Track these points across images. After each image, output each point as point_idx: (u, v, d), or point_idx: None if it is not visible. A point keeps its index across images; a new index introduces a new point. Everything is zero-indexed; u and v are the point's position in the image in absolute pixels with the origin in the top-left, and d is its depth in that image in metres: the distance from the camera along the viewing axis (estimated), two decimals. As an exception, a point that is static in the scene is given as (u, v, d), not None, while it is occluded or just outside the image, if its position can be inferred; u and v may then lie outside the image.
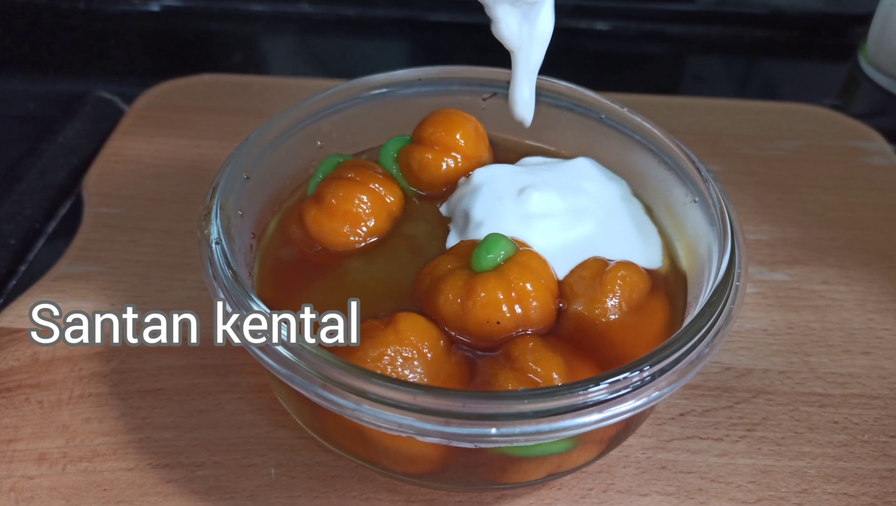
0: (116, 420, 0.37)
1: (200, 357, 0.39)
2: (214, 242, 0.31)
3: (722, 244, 0.33)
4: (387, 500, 0.34)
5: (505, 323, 0.31)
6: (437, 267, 0.33)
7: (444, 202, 0.39)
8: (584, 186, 0.39)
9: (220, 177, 0.35)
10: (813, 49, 0.74)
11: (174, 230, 0.47)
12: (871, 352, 0.42)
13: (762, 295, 0.45)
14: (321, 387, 0.27)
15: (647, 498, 0.35)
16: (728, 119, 0.59)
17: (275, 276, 0.36)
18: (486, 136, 0.42)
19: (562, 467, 0.33)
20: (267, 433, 0.36)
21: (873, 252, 0.48)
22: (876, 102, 0.66)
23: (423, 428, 0.26)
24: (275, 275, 0.36)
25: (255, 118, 0.37)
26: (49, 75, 0.66)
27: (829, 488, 0.36)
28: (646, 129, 0.39)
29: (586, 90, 0.41)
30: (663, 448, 0.37)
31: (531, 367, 0.30)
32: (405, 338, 0.30)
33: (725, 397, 0.39)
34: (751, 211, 0.51)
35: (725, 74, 0.72)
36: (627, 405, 0.27)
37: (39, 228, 0.48)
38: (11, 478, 0.34)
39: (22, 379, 0.38)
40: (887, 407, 0.39)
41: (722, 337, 0.30)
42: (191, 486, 0.34)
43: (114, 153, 0.53)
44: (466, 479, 0.34)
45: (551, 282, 0.33)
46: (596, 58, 0.72)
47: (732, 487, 0.35)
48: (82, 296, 0.42)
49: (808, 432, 0.38)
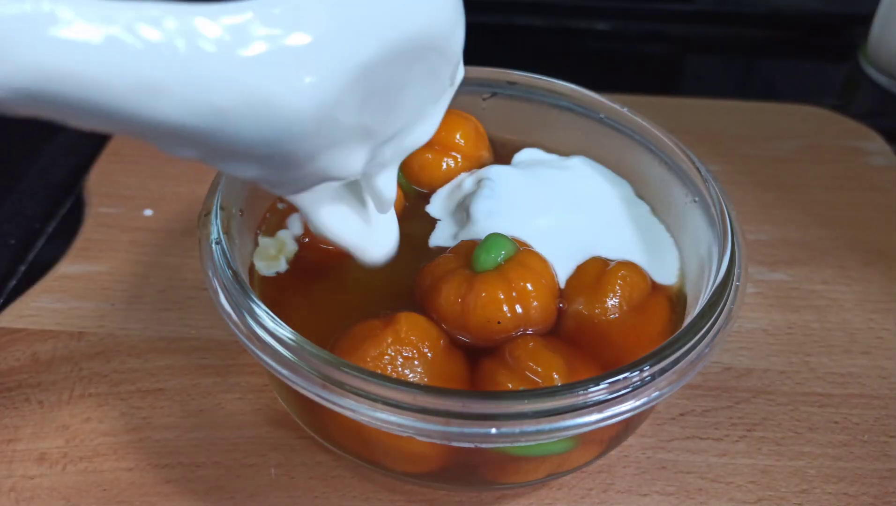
0: (116, 420, 0.37)
1: (200, 357, 0.39)
2: (214, 242, 0.31)
3: (722, 244, 0.33)
4: (387, 500, 0.34)
5: (505, 323, 0.31)
6: (437, 267, 0.33)
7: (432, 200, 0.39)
8: (586, 188, 0.39)
9: (220, 176, 0.35)
10: (813, 49, 0.74)
11: (174, 230, 0.47)
12: (871, 352, 0.42)
13: (762, 295, 0.45)
14: (321, 387, 0.27)
15: (647, 498, 0.35)
16: (728, 119, 0.59)
17: (275, 276, 0.36)
18: (486, 135, 0.42)
19: (562, 467, 0.33)
20: (267, 433, 0.36)
21: (873, 252, 0.48)
22: (876, 102, 0.66)
23: (423, 428, 0.26)
24: (275, 275, 0.36)
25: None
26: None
27: (829, 488, 0.36)
28: (646, 129, 0.39)
29: (586, 90, 0.41)
30: (663, 448, 0.37)
31: (531, 367, 0.30)
32: (406, 338, 0.30)
33: (725, 397, 0.39)
34: (751, 211, 0.51)
35: (725, 74, 0.72)
36: (627, 405, 0.27)
37: (40, 227, 0.48)
38: (11, 478, 0.34)
39: (22, 379, 0.38)
40: (887, 407, 0.39)
41: (722, 337, 0.30)
42: (191, 486, 0.34)
43: (114, 153, 0.53)
44: (466, 479, 0.34)
45: (552, 282, 0.33)
46: (596, 58, 0.72)
47: (732, 487, 0.35)
48: (82, 296, 0.42)
49: (808, 432, 0.38)
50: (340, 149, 0.24)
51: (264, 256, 0.36)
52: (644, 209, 0.39)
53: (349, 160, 0.25)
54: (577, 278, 0.34)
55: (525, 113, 0.43)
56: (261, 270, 0.35)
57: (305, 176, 0.24)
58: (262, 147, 0.22)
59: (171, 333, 0.41)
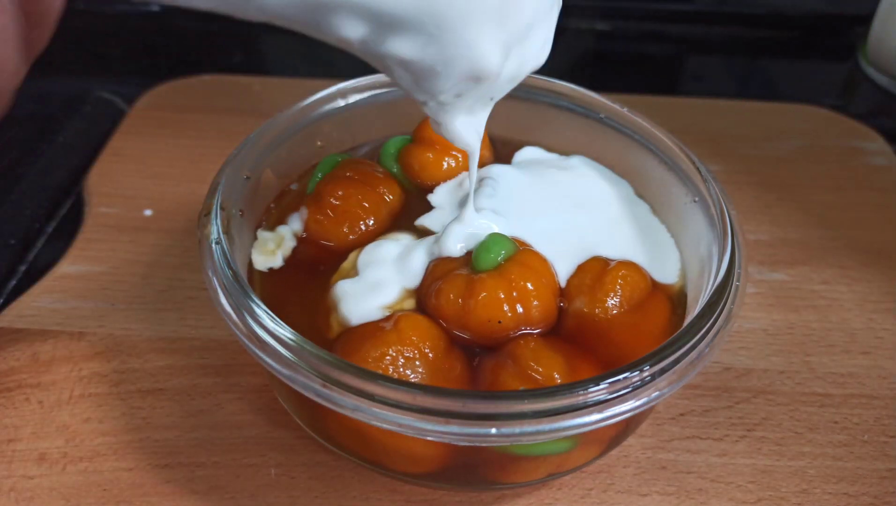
0: (117, 420, 0.37)
1: (201, 357, 0.40)
2: (214, 242, 0.31)
3: (722, 244, 0.33)
4: (387, 500, 0.34)
5: (506, 322, 0.31)
6: (438, 266, 0.33)
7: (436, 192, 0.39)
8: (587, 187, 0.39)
9: (220, 176, 0.35)
10: (813, 49, 0.74)
11: (175, 230, 0.47)
12: (871, 352, 0.42)
13: (762, 295, 0.45)
14: (321, 387, 0.27)
15: (647, 498, 0.35)
16: (728, 119, 0.59)
17: (275, 275, 0.36)
18: (486, 135, 0.42)
19: (562, 466, 0.33)
20: (267, 433, 0.36)
21: (873, 252, 0.48)
22: (876, 102, 0.66)
23: (423, 428, 0.26)
24: (275, 274, 0.36)
25: (255, 118, 0.37)
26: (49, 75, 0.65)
27: (829, 487, 0.36)
28: (646, 129, 0.39)
29: (586, 90, 0.41)
30: (663, 448, 0.37)
31: (532, 366, 0.30)
32: (406, 338, 0.30)
33: (725, 397, 0.39)
34: (751, 211, 0.51)
35: (725, 74, 0.72)
36: (627, 405, 0.27)
37: (40, 227, 0.48)
38: (11, 478, 0.34)
39: (22, 379, 0.38)
40: (887, 407, 0.39)
41: (722, 337, 0.30)
42: (191, 486, 0.34)
43: (114, 153, 0.53)
44: (466, 479, 0.34)
45: (552, 281, 0.33)
46: (596, 58, 0.72)
47: (732, 487, 0.35)
48: (83, 296, 0.42)
49: (808, 432, 0.38)
50: (480, 27, 0.26)
51: (262, 250, 0.36)
52: (644, 209, 0.39)
53: (487, 47, 0.27)
54: (578, 278, 0.34)
55: (525, 113, 0.43)
56: (256, 263, 0.35)
57: (452, 60, 0.26)
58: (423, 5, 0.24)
59: (171, 334, 0.41)
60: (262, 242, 0.36)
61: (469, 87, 0.28)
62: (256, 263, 0.35)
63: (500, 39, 0.27)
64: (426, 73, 0.27)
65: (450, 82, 0.28)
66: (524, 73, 0.30)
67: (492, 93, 0.30)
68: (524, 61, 0.30)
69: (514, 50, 0.28)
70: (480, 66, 0.27)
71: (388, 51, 0.26)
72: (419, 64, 0.27)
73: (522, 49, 0.29)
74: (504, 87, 0.30)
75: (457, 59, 0.27)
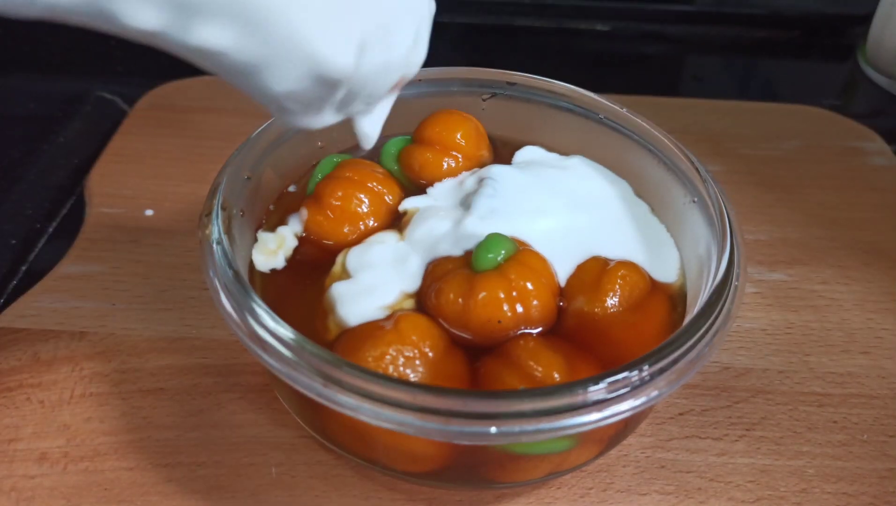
0: (117, 420, 0.37)
1: (201, 357, 0.40)
2: (215, 242, 0.32)
3: (721, 244, 0.33)
4: (387, 499, 0.34)
5: (506, 322, 0.31)
6: (438, 266, 0.34)
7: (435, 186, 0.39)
8: (586, 187, 0.39)
9: (220, 177, 0.35)
10: (813, 49, 0.74)
11: (175, 230, 0.47)
12: (871, 352, 0.42)
13: (761, 295, 0.45)
14: (322, 386, 0.27)
15: (646, 497, 0.35)
16: (728, 119, 0.59)
17: (275, 275, 0.36)
18: (486, 135, 0.42)
19: (561, 466, 0.33)
20: (268, 433, 0.36)
21: (873, 252, 0.48)
22: (876, 103, 0.66)
23: (423, 427, 0.26)
24: (275, 274, 0.36)
25: (256, 118, 0.37)
26: (49, 75, 0.66)
27: (828, 487, 0.36)
28: (645, 129, 0.39)
29: (586, 91, 0.41)
30: (663, 447, 0.37)
31: (532, 365, 0.30)
32: (407, 337, 0.30)
33: (724, 396, 0.39)
34: (750, 211, 0.51)
35: (725, 75, 0.72)
36: (627, 405, 0.27)
37: (40, 227, 0.49)
38: (12, 478, 0.34)
39: (23, 379, 0.38)
40: (887, 407, 0.39)
41: (721, 337, 0.30)
42: (192, 485, 0.34)
43: (115, 153, 0.53)
44: (466, 478, 0.34)
45: (552, 281, 0.33)
46: (596, 58, 0.72)
47: (731, 486, 0.35)
48: (83, 295, 0.43)
49: (807, 432, 0.38)
50: (319, 16, 0.22)
51: (263, 251, 0.36)
52: (643, 209, 0.39)
53: (331, 42, 0.23)
54: (578, 277, 0.34)
55: (525, 113, 0.43)
56: (258, 264, 0.35)
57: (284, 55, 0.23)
58: None
59: (171, 333, 0.41)
60: (262, 242, 0.36)
61: (318, 92, 0.24)
62: (258, 264, 0.35)
63: (349, 34, 0.23)
64: (251, 72, 0.23)
65: (287, 85, 0.23)
66: (392, 77, 0.27)
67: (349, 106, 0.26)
68: (389, 62, 0.26)
69: (372, 49, 0.25)
70: (325, 65, 0.23)
71: (196, 42, 0.22)
72: (239, 59, 0.22)
73: (386, 48, 0.25)
74: (369, 98, 0.27)
75: (291, 56, 0.22)
